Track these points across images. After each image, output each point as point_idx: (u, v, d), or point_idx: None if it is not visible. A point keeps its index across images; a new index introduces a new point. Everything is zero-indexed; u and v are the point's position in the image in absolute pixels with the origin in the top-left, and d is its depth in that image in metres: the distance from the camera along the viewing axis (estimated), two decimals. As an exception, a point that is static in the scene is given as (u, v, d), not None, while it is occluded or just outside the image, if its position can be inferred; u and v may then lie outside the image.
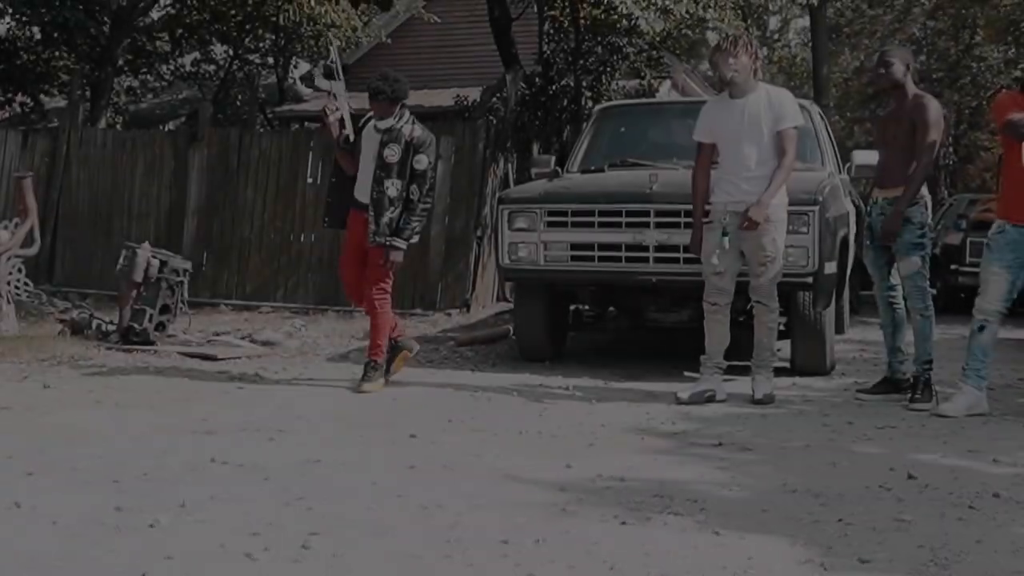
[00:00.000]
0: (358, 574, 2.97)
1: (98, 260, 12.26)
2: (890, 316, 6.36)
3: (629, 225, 6.77)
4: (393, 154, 6.07)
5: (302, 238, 11.74)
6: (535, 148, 12.97)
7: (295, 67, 22.96)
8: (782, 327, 7.15)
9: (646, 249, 6.74)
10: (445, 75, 19.33)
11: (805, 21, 34.22)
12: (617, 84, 12.76)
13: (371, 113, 6.28)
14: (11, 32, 18.03)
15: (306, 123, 20.48)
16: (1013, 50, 17.30)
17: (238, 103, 22.48)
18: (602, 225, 6.84)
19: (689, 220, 6.35)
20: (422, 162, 6.18)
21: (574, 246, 6.93)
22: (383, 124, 6.14)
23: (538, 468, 4.25)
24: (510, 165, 12.19)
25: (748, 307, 6.21)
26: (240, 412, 5.46)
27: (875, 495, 3.88)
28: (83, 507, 3.58)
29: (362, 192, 6.22)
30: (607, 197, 6.89)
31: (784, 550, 3.21)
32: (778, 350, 6.32)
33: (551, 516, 3.53)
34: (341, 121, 6.26)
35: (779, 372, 7.00)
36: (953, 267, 12.63)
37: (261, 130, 12.73)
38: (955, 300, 12.15)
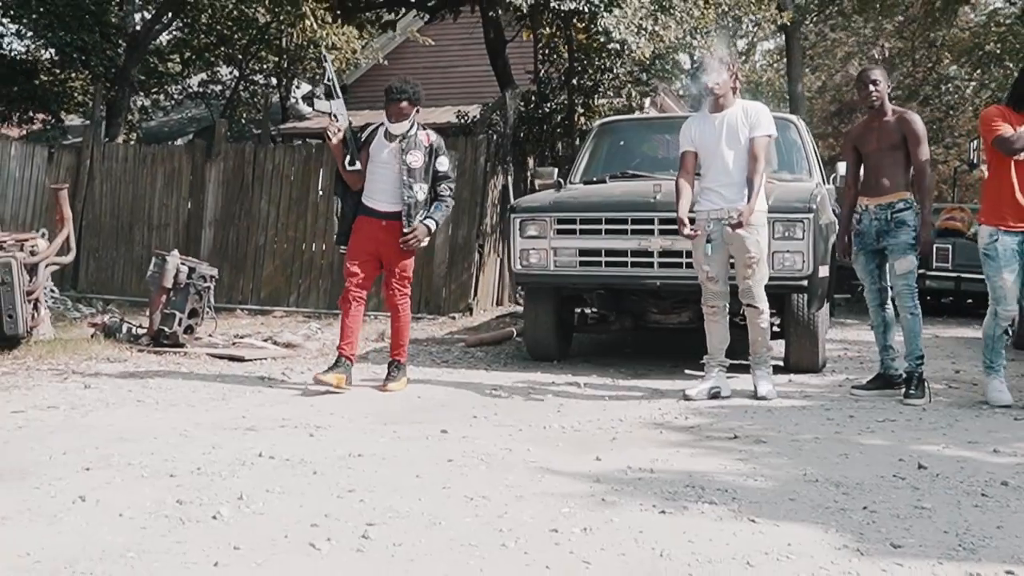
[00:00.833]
0: (420, 564, 2.90)
1: (120, 268, 12.20)
2: (880, 317, 6.37)
3: (634, 232, 6.74)
4: (417, 160, 6.01)
5: (313, 247, 11.69)
6: (531, 161, 12.93)
7: (297, 87, 22.92)
8: (776, 328, 7.16)
9: (651, 255, 6.71)
10: (439, 94, 19.25)
11: (770, 44, 34.44)
12: (609, 102, 12.69)
13: (374, 124, 6.20)
14: (30, 54, 17.94)
15: (307, 140, 20.37)
16: (979, 71, 17.36)
17: (243, 121, 22.41)
18: (609, 232, 6.81)
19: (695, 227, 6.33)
20: (444, 164, 6.16)
21: (582, 252, 6.89)
22: (398, 129, 6.03)
23: (569, 461, 4.20)
24: (509, 178, 12.16)
25: (740, 310, 6.17)
26: (276, 410, 5.39)
27: (892, 484, 3.84)
28: (145, 500, 3.50)
29: (378, 199, 6.07)
30: (614, 206, 6.85)
31: (819, 536, 3.16)
32: (769, 349, 6.26)
33: (593, 506, 3.48)
34: (344, 141, 6.08)
35: (775, 370, 6.98)
36: (920, 271, 12.63)
37: (273, 145, 12.60)
38: (922, 303, 12.14)
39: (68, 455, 4.21)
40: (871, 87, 6.09)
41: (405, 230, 5.98)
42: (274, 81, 23.20)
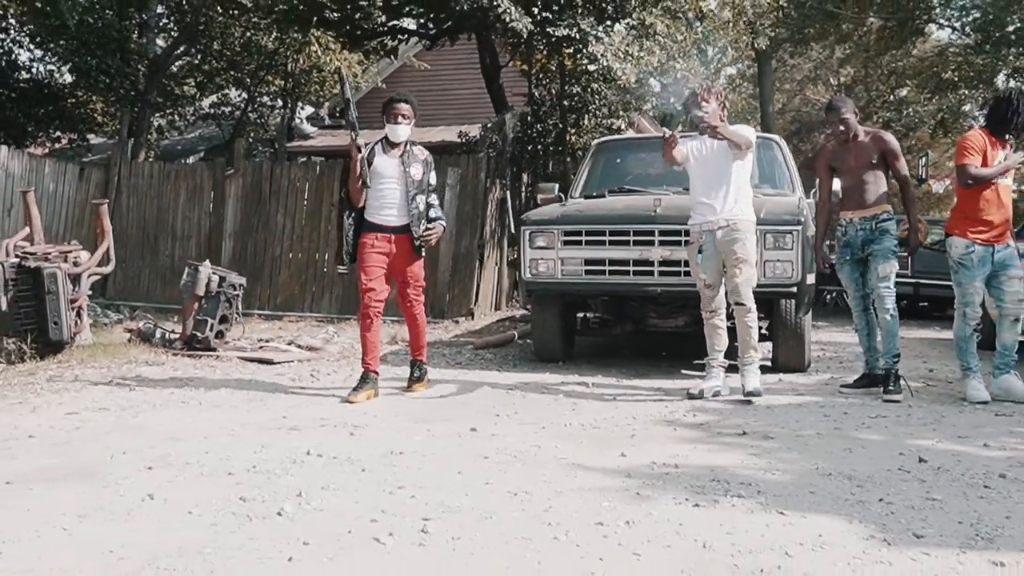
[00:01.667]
0: (481, 556, 2.85)
1: (145, 277, 12.09)
2: (864, 320, 6.36)
3: (636, 243, 6.70)
4: (418, 172, 5.87)
5: (326, 256, 11.59)
6: (524, 177, 12.91)
7: (302, 108, 22.82)
8: (764, 330, 7.14)
9: (651, 264, 6.67)
10: (433, 115, 19.28)
11: (732, 69, 34.48)
12: (598, 122, 12.67)
13: (370, 143, 5.88)
14: (55, 78, 17.78)
15: (311, 157, 20.30)
16: (935, 96, 17.47)
17: (251, 140, 22.29)
18: (612, 243, 6.77)
19: (689, 238, 6.31)
20: (434, 178, 6.08)
21: (588, 262, 6.84)
22: (399, 134, 5.83)
23: (596, 457, 4.15)
24: (507, 192, 12.13)
25: (730, 310, 6.13)
26: (313, 410, 5.31)
27: (900, 477, 3.81)
28: (210, 498, 3.43)
29: (384, 214, 5.81)
30: (617, 219, 6.81)
31: (845, 527, 3.13)
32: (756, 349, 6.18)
33: (630, 500, 3.43)
34: (362, 160, 5.78)
35: (763, 370, 6.95)
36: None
37: (288, 162, 12.51)
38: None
39: (128, 455, 4.13)
40: (839, 123, 6.18)
41: (420, 232, 5.84)
42: (280, 103, 23.12)
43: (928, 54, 19.13)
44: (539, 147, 12.74)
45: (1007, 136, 5.93)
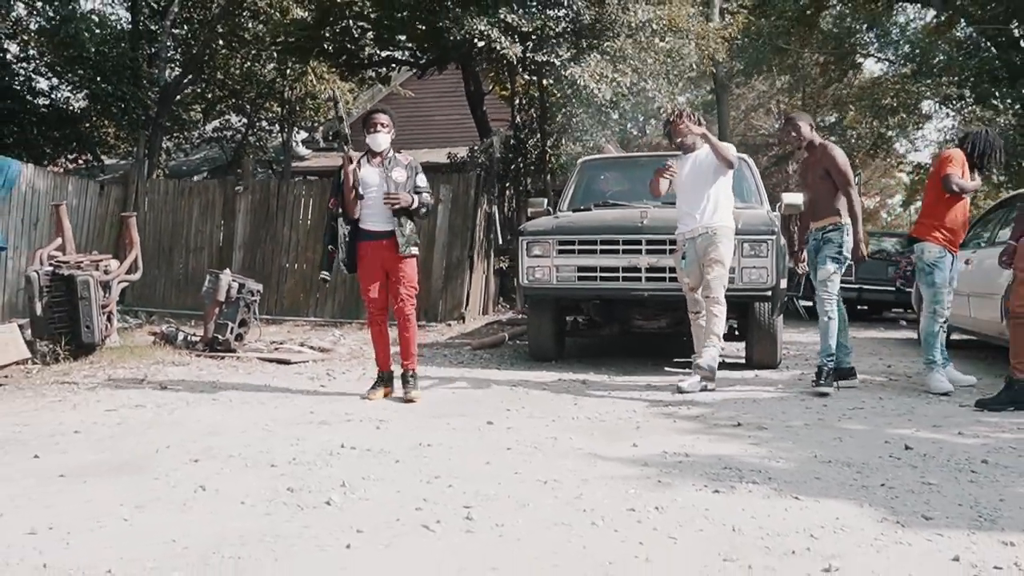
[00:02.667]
0: (528, 542, 2.72)
1: (161, 284, 11.82)
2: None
3: (625, 252, 6.62)
4: (400, 175, 5.44)
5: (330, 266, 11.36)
6: (507, 193, 12.80)
7: (297, 132, 22.62)
8: (737, 332, 7.08)
9: (639, 271, 6.59)
10: (419, 139, 19.34)
11: (682, 97, 34.55)
12: (575, 139, 12.60)
13: (357, 157, 5.53)
14: (71, 103, 17.47)
15: (306, 176, 20.11)
16: (876, 121, 17.66)
17: (245, 161, 22.07)
18: (603, 252, 6.67)
19: (674, 247, 6.26)
20: (423, 180, 5.58)
21: (580, 268, 6.74)
22: (379, 143, 5.44)
23: (610, 447, 4.04)
24: (494, 207, 12.02)
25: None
26: (337, 406, 5.15)
27: (893, 463, 3.73)
28: (259, 488, 3.29)
29: (374, 221, 5.43)
30: (607, 229, 6.71)
31: (858, 511, 3.04)
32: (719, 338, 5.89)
33: (653, 487, 3.32)
34: (354, 170, 5.45)
35: (739, 367, 6.92)
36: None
37: (294, 180, 12.30)
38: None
39: (171, 448, 3.96)
40: (791, 132, 6.10)
41: (399, 241, 5.37)
42: (277, 128, 22.97)
43: (866, 84, 19.33)
44: (521, 166, 12.63)
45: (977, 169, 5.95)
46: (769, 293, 6.45)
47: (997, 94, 12.38)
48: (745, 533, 2.79)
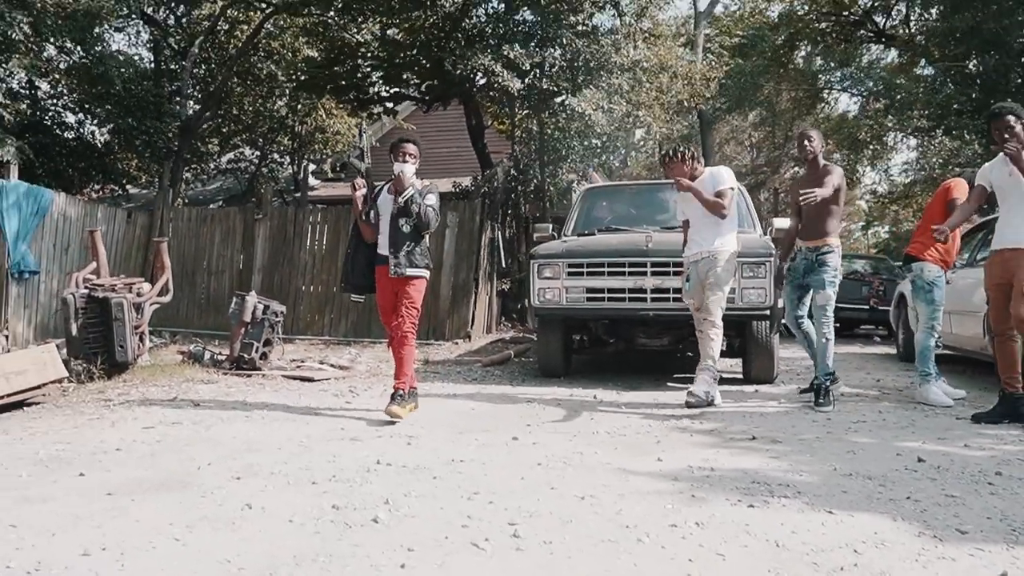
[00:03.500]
0: (579, 559, 2.55)
1: (184, 306, 11.58)
2: (801, 334, 6.05)
3: (631, 273, 6.48)
4: (407, 194, 5.10)
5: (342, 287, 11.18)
6: (507, 219, 12.66)
7: (306, 164, 22.54)
8: (736, 348, 6.93)
9: (645, 291, 6.44)
10: (421, 168, 19.19)
11: (668, 128, 34.54)
12: (571, 167, 12.48)
13: (381, 184, 5.35)
14: (96, 137, 17.30)
15: (316, 204, 20.00)
16: (851, 152, 17.64)
17: (263, 190, 21.92)
18: (610, 274, 6.53)
19: (677, 269, 6.16)
20: (432, 199, 5.16)
21: (589, 290, 6.59)
22: (405, 170, 5.12)
23: (636, 462, 3.86)
24: (498, 232, 11.88)
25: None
26: (365, 422, 4.96)
27: (912, 476, 3.57)
28: (304, 506, 3.10)
29: (383, 245, 5.19)
30: (614, 253, 6.57)
31: (892, 525, 2.88)
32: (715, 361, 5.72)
33: (688, 502, 3.15)
34: (364, 197, 5.26)
35: (739, 381, 6.76)
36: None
37: (310, 208, 12.13)
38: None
39: (213, 465, 3.76)
40: (805, 143, 5.80)
41: (391, 262, 5.07)
42: (288, 160, 22.92)
43: (835, 118, 19.39)
44: (520, 194, 12.50)
45: None
46: (767, 312, 6.32)
47: (963, 127, 12.37)
48: (790, 549, 2.62)
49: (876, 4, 16.72)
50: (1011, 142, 4.72)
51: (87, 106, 15.96)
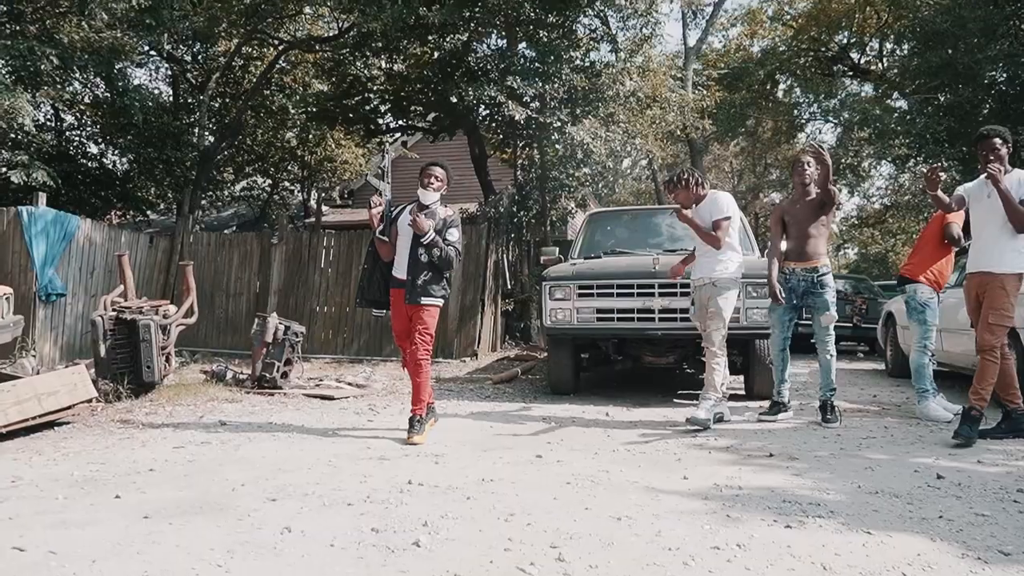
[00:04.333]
0: (628, 584, 2.37)
1: (203, 326, 11.27)
2: (780, 358, 5.78)
3: (640, 294, 6.32)
4: (429, 222, 4.83)
5: (355, 308, 10.99)
6: (510, 243, 12.51)
7: (320, 192, 22.48)
8: (739, 366, 6.75)
9: (653, 311, 6.28)
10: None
11: (661, 152, 34.52)
12: (569, 195, 12.33)
13: (404, 204, 5.07)
14: (117, 166, 17.15)
15: (325, 230, 19.88)
16: (836, 177, 17.61)
17: (274, 217, 21.80)
18: (619, 295, 6.37)
19: (685, 290, 6.01)
20: (454, 235, 4.92)
21: (599, 310, 6.43)
22: (429, 198, 4.90)
23: (662, 480, 3.69)
24: (502, 255, 11.73)
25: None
26: (389, 441, 4.77)
27: (937, 494, 3.41)
28: (343, 529, 2.92)
29: (399, 268, 4.93)
30: (623, 275, 6.42)
31: (932, 545, 2.72)
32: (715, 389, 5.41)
33: (725, 522, 2.98)
34: (381, 216, 4.99)
35: (740, 397, 6.59)
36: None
37: (324, 232, 11.94)
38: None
39: (246, 486, 3.57)
40: (820, 166, 5.52)
41: (407, 289, 4.82)
42: (297, 188, 22.88)
43: (818, 143, 19.41)
44: (523, 220, 12.36)
45: None
46: (770, 331, 6.15)
47: (940, 154, 12.33)
48: (836, 571, 2.46)
49: (852, 41, 16.75)
50: (994, 164, 4.60)
51: (108, 137, 15.83)
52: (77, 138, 16.40)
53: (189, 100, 17.86)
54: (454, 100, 11.22)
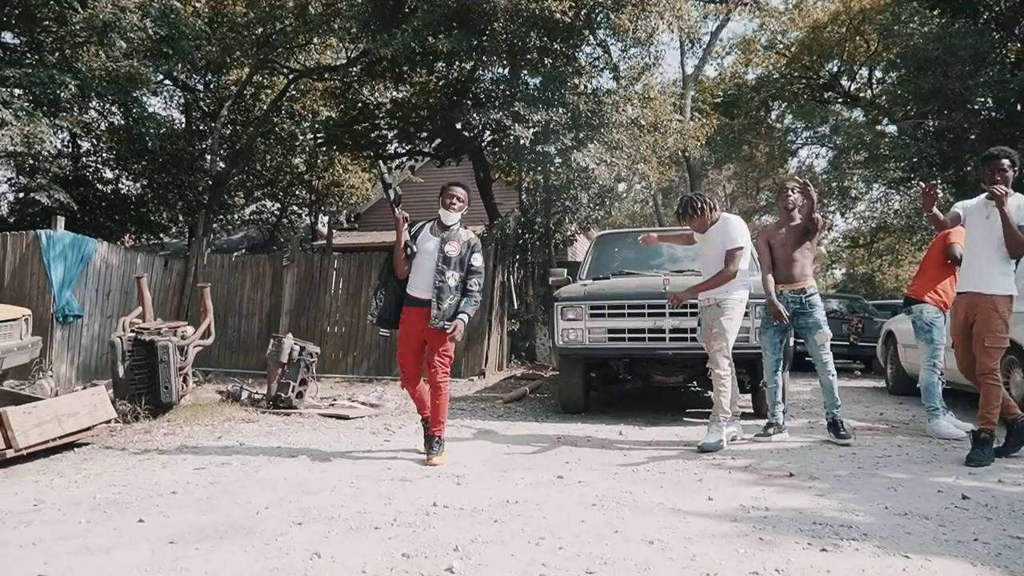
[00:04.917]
0: (671, 613, 2.24)
1: (217, 347, 11.09)
2: (774, 380, 5.62)
3: (651, 314, 6.21)
4: (454, 250, 4.70)
5: (365, 328, 10.86)
6: (516, 264, 12.41)
7: (330, 216, 22.44)
8: (748, 385, 6.61)
9: (663, 331, 6.17)
10: (431, 217, 19.03)
11: (658, 176, 34.60)
12: (573, 217, 12.26)
13: (422, 222, 4.90)
14: (131, 190, 17.09)
15: (334, 252, 19.82)
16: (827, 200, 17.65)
17: (283, 240, 21.74)
18: (631, 315, 6.26)
19: (695, 309, 5.88)
20: (478, 260, 4.79)
21: (610, 330, 6.31)
22: (450, 219, 4.77)
23: (687, 502, 3.56)
24: (509, 275, 11.63)
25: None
26: (408, 461, 4.63)
27: (966, 515, 3.28)
28: (373, 554, 2.78)
29: (418, 288, 4.71)
30: (635, 295, 6.31)
31: (975, 571, 2.60)
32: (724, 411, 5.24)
33: (759, 545, 2.85)
34: (409, 226, 4.77)
35: (748, 416, 6.43)
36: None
37: (334, 255, 11.83)
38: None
39: (271, 509, 3.43)
40: (806, 198, 5.42)
41: (433, 313, 4.60)
42: (305, 211, 22.86)
43: (804, 169, 19.42)
44: (528, 241, 12.27)
45: None
46: (780, 350, 6.03)
47: (934, 177, 12.29)
48: (883, 599, 2.32)
49: (842, 68, 16.78)
50: (1000, 184, 4.51)
51: (124, 162, 15.77)
52: (93, 164, 16.33)
53: (201, 127, 17.84)
54: (459, 126, 11.17)
